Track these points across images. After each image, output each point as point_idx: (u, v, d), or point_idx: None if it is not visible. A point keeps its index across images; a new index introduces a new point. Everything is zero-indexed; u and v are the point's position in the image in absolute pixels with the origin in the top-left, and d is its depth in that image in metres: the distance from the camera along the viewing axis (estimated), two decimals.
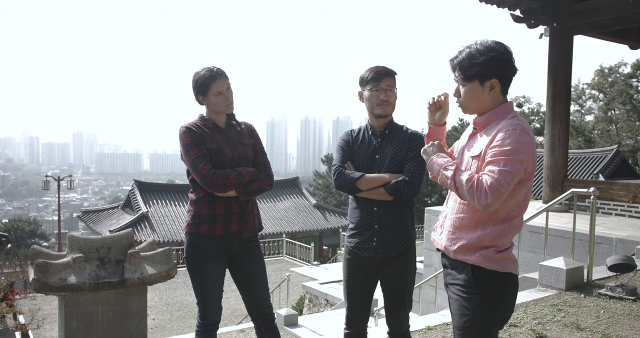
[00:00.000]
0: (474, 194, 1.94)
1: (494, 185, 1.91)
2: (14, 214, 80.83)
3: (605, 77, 30.24)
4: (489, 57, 2.03)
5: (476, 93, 2.09)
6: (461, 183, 1.99)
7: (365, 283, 2.85)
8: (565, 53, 8.57)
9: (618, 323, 3.95)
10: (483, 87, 2.07)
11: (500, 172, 1.92)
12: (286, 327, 6.48)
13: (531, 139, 1.99)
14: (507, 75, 2.09)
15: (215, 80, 2.82)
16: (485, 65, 2.03)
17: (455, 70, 2.12)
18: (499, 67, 2.05)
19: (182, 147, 2.81)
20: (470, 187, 1.95)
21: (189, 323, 11.93)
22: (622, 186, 8.01)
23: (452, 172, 2.04)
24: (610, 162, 20.55)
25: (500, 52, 2.05)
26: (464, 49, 2.09)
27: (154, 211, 24.50)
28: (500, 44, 2.07)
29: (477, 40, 2.09)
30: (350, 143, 2.85)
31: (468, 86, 2.10)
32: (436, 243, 2.29)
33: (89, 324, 3.15)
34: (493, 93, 2.08)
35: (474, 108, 2.14)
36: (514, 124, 2.00)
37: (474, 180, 1.96)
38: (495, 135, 2.00)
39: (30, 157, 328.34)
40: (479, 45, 2.06)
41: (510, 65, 2.08)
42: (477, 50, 2.05)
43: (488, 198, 1.91)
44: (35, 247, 3.23)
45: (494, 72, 2.05)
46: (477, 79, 2.07)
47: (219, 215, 2.83)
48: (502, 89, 2.09)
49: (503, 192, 1.92)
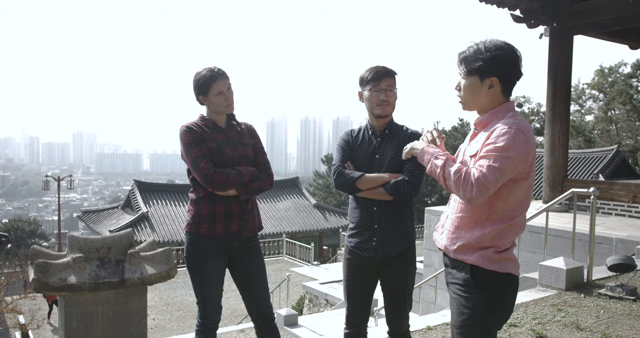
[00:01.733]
0: (460, 186, 1.96)
1: (480, 179, 1.92)
2: (14, 214, 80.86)
3: (605, 77, 30.24)
4: (494, 55, 2.04)
5: (475, 88, 2.10)
6: (449, 174, 2.00)
7: (365, 283, 2.85)
8: (565, 53, 8.57)
9: (618, 323, 3.95)
10: (482, 83, 2.08)
11: (488, 167, 1.93)
12: (286, 327, 6.48)
13: (526, 138, 1.98)
14: (509, 76, 2.08)
15: (216, 80, 2.82)
16: (487, 61, 2.04)
17: (460, 63, 2.13)
18: (501, 66, 2.05)
19: (183, 146, 2.82)
20: (458, 178, 1.96)
21: (189, 323, 11.93)
22: (622, 186, 8.01)
23: (442, 162, 2.06)
24: (610, 162, 20.55)
25: (507, 53, 2.05)
26: (473, 45, 2.11)
27: (154, 211, 24.51)
28: (509, 45, 2.08)
29: (488, 39, 2.10)
30: (350, 143, 2.85)
31: (468, 80, 2.11)
32: (437, 242, 2.29)
33: (89, 324, 3.15)
34: (492, 91, 2.08)
35: (473, 105, 2.15)
36: (510, 122, 2.01)
37: (462, 173, 1.97)
38: (492, 133, 2.01)
39: (30, 157, 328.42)
40: (488, 42, 2.08)
41: (513, 67, 2.07)
42: (484, 46, 2.07)
43: (473, 191, 1.92)
44: (35, 247, 3.23)
45: (495, 71, 2.05)
46: (477, 74, 2.07)
47: (219, 215, 2.83)
48: (503, 89, 2.09)
49: (489, 187, 1.92)
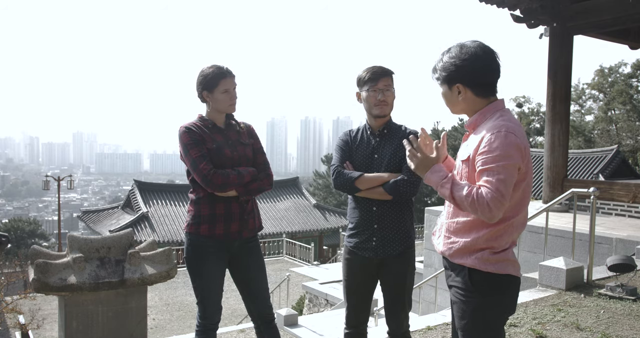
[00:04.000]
0: (476, 208, 1.92)
1: (495, 197, 1.88)
2: (14, 214, 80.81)
3: (605, 77, 30.24)
4: (451, 63, 2.05)
5: (448, 97, 2.13)
6: (461, 199, 1.96)
7: (365, 283, 2.85)
8: (565, 53, 8.56)
9: (618, 323, 3.95)
10: (451, 91, 2.09)
11: (497, 182, 1.90)
12: (286, 327, 6.47)
13: (518, 139, 1.95)
14: (473, 79, 2.05)
15: (225, 78, 2.85)
16: (447, 70, 2.06)
17: (433, 74, 2.17)
18: (460, 72, 2.04)
19: (182, 147, 2.82)
20: (472, 201, 1.92)
21: (189, 323, 11.93)
22: (622, 186, 8.01)
23: (449, 190, 2.00)
24: (610, 162, 20.55)
25: (466, 58, 2.03)
26: (440, 55, 2.12)
27: (154, 211, 24.50)
28: (473, 48, 2.04)
29: (454, 45, 2.09)
30: (349, 143, 2.85)
31: (442, 90, 2.14)
32: (435, 247, 2.29)
33: (89, 324, 3.15)
34: (464, 97, 2.07)
35: (457, 110, 2.16)
36: (498, 125, 1.97)
37: (473, 195, 1.92)
38: (482, 139, 1.97)
39: (30, 157, 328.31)
40: (451, 50, 2.08)
41: (476, 70, 2.03)
42: (448, 55, 2.08)
43: (492, 211, 1.89)
44: (35, 247, 3.23)
45: (457, 78, 2.05)
46: (445, 83, 2.10)
47: (219, 215, 2.83)
48: (476, 92, 2.07)
49: (504, 202, 1.90)
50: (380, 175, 2.70)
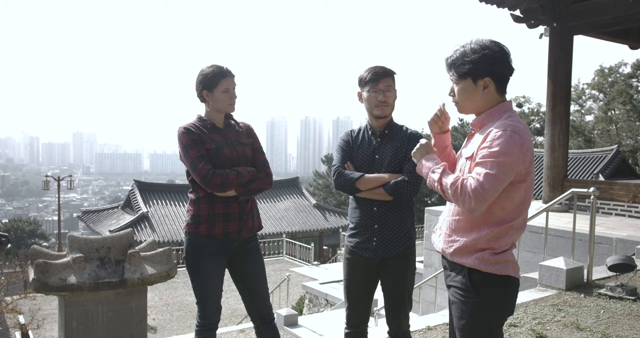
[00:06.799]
0: (458, 198, 1.94)
1: (477, 189, 1.89)
2: (14, 214, 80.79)
3: (605, 77, 30.23)
4: (482, 55, 2.02)
5: (469, 91, 2.08)
6: (446, 186, 1.98)
7: (365, 283, 2.85)
8: (565, 53, 8.57)
9: (618, 323, 3.95)
10: (476, 85, 2.06)
11: (485, 176, 1.90)
12: (286, 327, 6.47)
13: (522, 140, 1.94)
14: (502, 73, 2.06)
15: (225, 77, 2.86)
16: (477, 63, 2.02)
17: (450, 68, 2.11)
18: (492, 65, 2.03)
19: (181, 147, 2.82)
20: (455, 190, 1.94)
21: (189, 323, 11.93)
22: (622, 186, 8.01)
23: (438, 175, 2.03)
24: (610, 162, 20.54)
25: (495, 51, 2.03)
26: (459, 48, 2.08)
27: (154, 211, 24.50)
28: (495, 42, 2.05)
29: (473, 39, 2.07)
30: (350, 143, 2.85)
31: (461, 84, 2.09)
32: (435, 245, 2.29)
33: (89, 324, 3.15)
34: (487, 92, 2.06)
35: (469, 107, 2.13)
36: (505, 124, 1.97)
37: (458, 184, 1.94)
38: (487, 135, 1.98)
39: (30, 157, 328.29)
40: (473, 44, 2.05)
41: (505, 64, 2.05)
42: (470, 48, 2.04)
43: (472, 202, 1.90)
44: (35, 247, 3.23)
45: (487, 70, 2.03)
46: (469, 76, 2.05)
47: (218, 215, 2.83)
48: (498, 87, 2.06)
49: (487, 196, 1.89)
50: (380, 176, 2.70)
